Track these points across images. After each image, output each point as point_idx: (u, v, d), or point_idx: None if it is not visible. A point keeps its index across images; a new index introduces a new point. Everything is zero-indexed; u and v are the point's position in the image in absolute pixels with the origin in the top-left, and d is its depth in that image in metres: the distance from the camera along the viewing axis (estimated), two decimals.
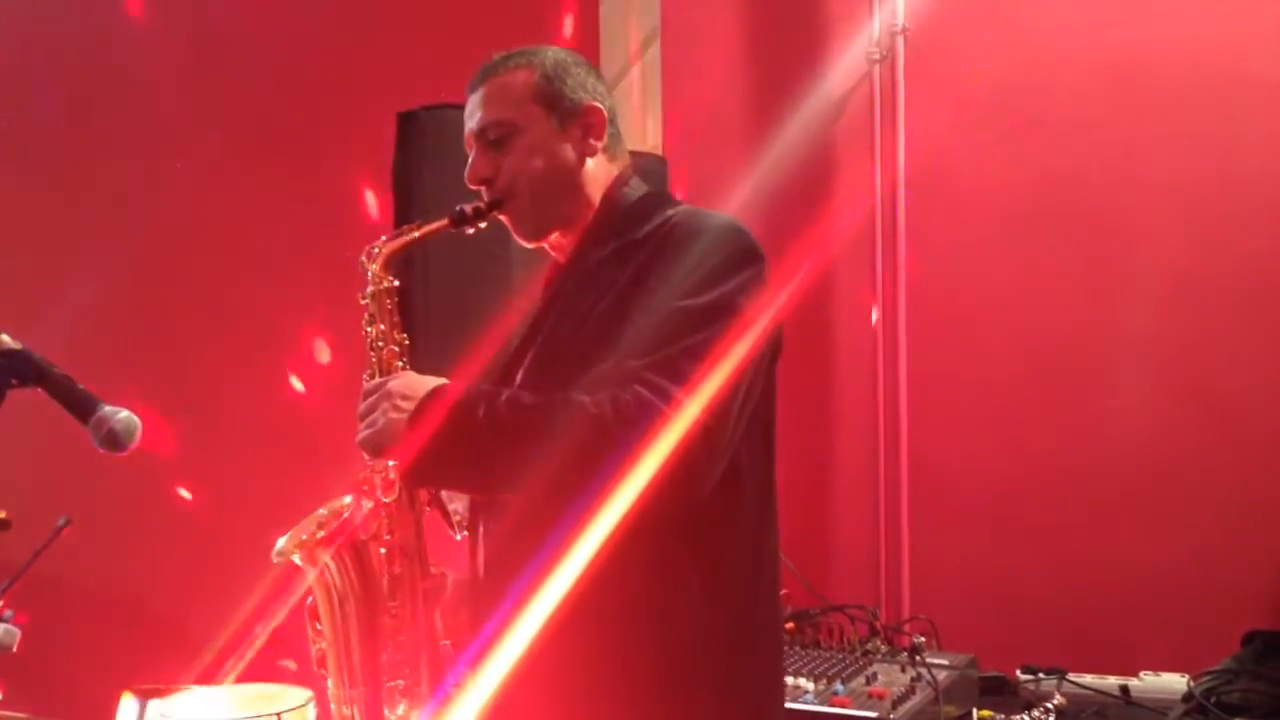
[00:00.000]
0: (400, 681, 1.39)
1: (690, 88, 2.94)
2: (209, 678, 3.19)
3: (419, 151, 2.05)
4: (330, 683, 1.42)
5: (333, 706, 1.42)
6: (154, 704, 3.05)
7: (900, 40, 2.71)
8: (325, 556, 1.40)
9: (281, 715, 2.82)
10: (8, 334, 1.45)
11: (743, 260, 1.33)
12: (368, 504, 1.42)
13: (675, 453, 1.21)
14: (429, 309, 2.00)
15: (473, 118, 1.46)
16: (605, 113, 1.46)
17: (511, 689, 1.31)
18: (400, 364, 1.43)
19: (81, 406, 1.42)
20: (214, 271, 3.55)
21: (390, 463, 1.36)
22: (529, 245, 1.50)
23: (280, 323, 3.49)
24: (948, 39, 2.67)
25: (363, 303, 1.46)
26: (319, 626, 1.43)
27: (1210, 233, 2.43)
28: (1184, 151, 2.45)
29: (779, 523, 1.45)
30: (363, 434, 1.35)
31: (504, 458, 1.27)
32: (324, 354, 3.40)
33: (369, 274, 1.46)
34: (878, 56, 2.74)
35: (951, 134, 2.66)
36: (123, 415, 1.41)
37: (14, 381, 1.41)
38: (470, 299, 2.00)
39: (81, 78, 3.78)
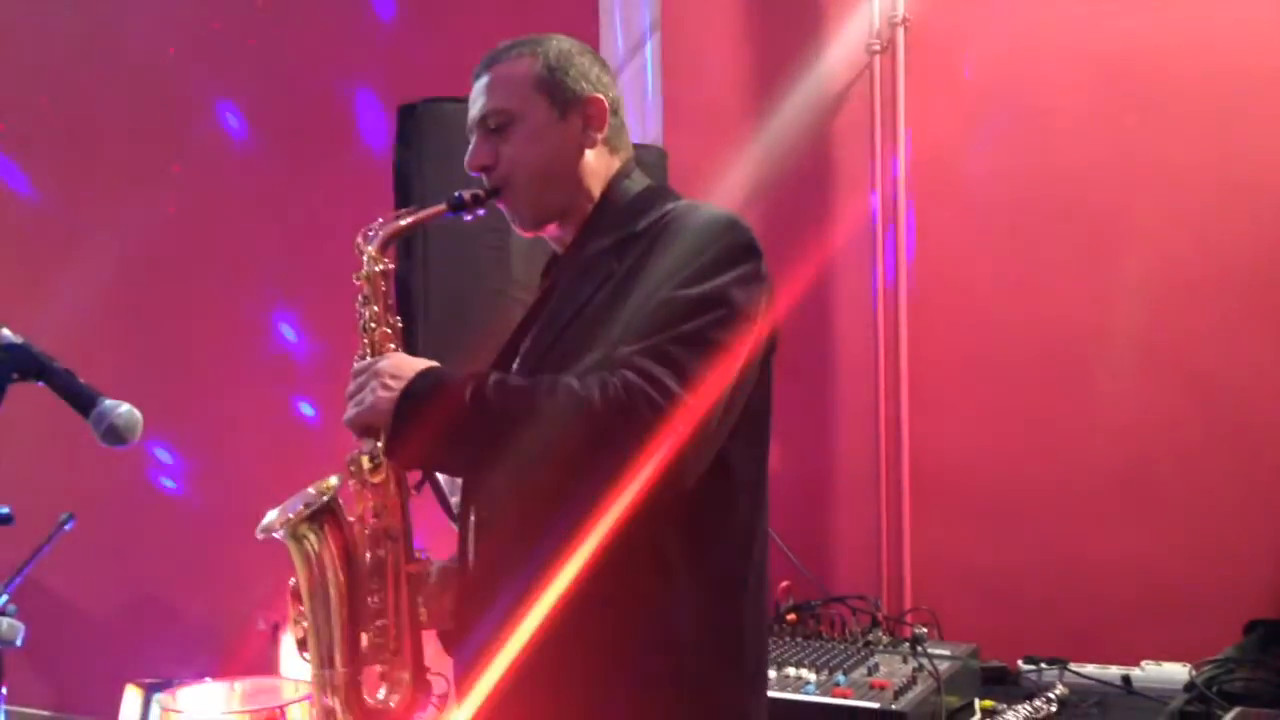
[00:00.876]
0: (380, 666, 1.38)
1: (690, 80, 2.93)
2: (212, 671, 3.20)
3: (419, 145, 2.05)
4: (311, 664, 1.41)
5: (314, 689, 1.41)
6: (158, 697, 3.06)
7: (900, 31, 2.70)
8: (309, 534, 1.38)
9: (284, 708, 2.83)
10: (9, 328, 1.45)
11: (739, 254, 1.33)
12: (354, 484, 1.41)
13: (662, 440, 1.20)
14: (428, 298, 2.00)
15: (475, 104, 1.46)
16: (607, 104, 1.45)
17: (503, 681, 1.30)
18: (392, 346, 1.43)
19: (83, 401, 1.43)
20: (215, 267, 3.55)
21: (377, 443, 1.35)
22: (527, 235, 1.50)
23: (280, 317, 3.49)
24: (948, 30, 2.67)
25: (357, 283, 1.45)
26: (301, 607, 1.42)
27: (1212, 225, 2.43)
28: (1185, 143, 2.44)
29: (771, 515, 1.44)
30: (350, 412, 1.35)
31: (490, 439, 1.27)
32: (323, 346, 3.40)
33: (364, 256, 1.45)
34: (878, 48, 2.73)
35: (952, 125, 2.66)
36: (124, 409, 1.42)
37: (15, 376, 1.41)
38: (470, 288, 2.01)
39: (79, 78, 3.78)
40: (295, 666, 3.27)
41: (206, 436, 3.54)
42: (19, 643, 2.01)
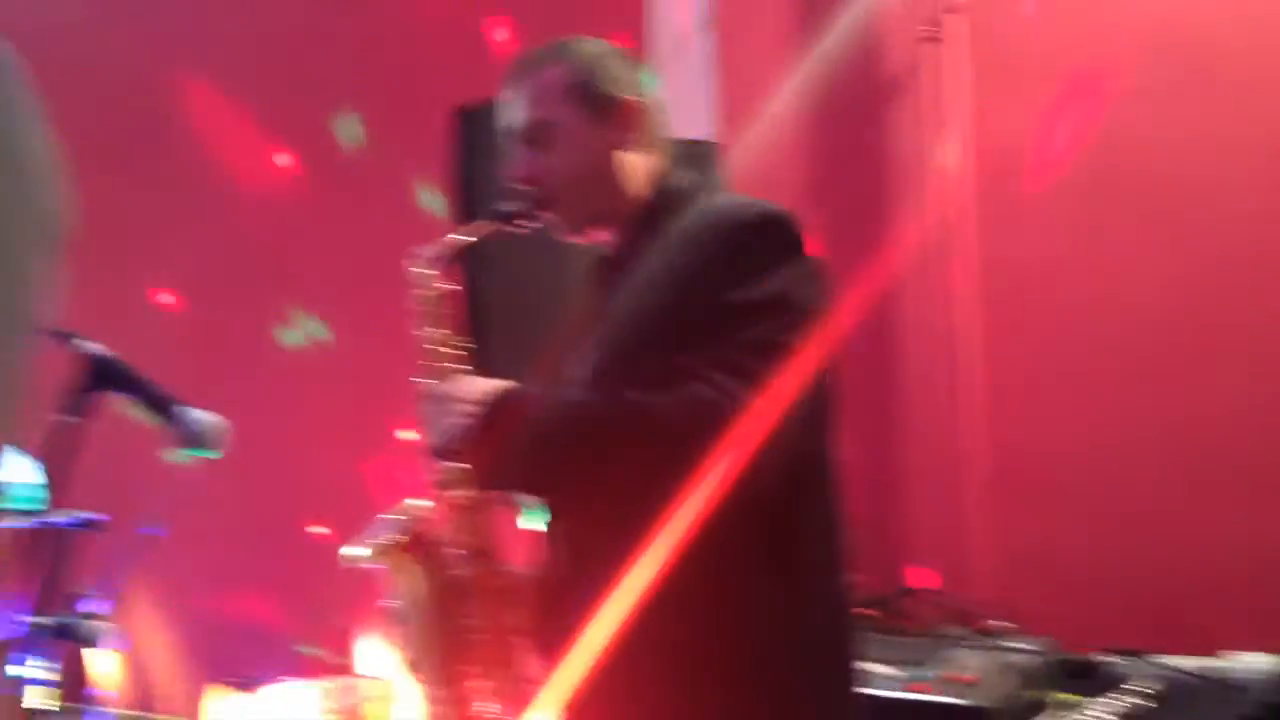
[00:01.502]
0: (486, 681, 1.40)
1: (742, 73, 2.92)
2: (294, 672, 3.26)
3: (477, 147, 2.06)
4: (421, 687, 1.43)
5: (426, 708, 1.43)
6: (240, 696, 3.14)
7: (952, 19, 2.67)
8: (402, 560, 1.41)
9: (362, 705, 2.89)
10: (94, 342, 1.51)
11: (789, 248, 1.32)
12: (441, 507, 1.43)
13: (737, 449, 1.20)
14: (493, 304, 2.01)
15: (508, 116, 1.45)
16: (642, 104, 1.44)
17: (594, 683, 1.31)
18: (459, 368, 1.43)
19: (168, 411, 1.48)
20: (260, 271, 3.59)
21: (459, 465, 1.37)
22: (571, 240, 1.49)
23: (306, 313, 3.52)
24: (1000, 15, 2.63)
25: (416, 308, 1.45)
26: (403, 631, 1.44)
27: None
28: (1242, 119, 2.36)
29: (844, 505, 1.43)
30: (431, 439, 1.36)
31: (568, 457, 1.29)
32: (342, 344, 3.41)
33: (420, 280, 1.45)
34: (930, 35, 2.70)
35: (1010, 109, 2.62)
36: (209, 418, 1.46)
37: (106, 388, 1.46)
38: (540, 297, 2.01)
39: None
40: (372, 665, 3.33)
41: (251, 437, 3.56)
42: (103, 644, 2.07)
